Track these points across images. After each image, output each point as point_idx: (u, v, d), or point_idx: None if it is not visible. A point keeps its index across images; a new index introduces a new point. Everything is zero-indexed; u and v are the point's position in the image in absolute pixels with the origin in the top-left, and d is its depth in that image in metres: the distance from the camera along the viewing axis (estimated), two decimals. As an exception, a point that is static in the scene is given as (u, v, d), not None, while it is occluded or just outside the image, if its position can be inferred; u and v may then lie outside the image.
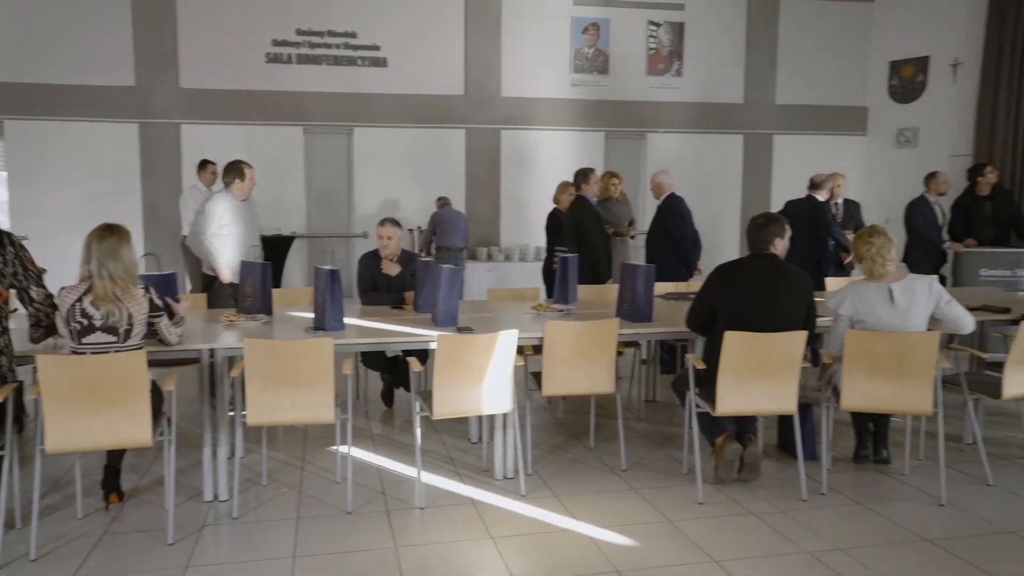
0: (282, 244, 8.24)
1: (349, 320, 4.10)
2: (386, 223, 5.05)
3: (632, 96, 9.68)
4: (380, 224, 5.06)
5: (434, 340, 3.66)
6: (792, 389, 3.66)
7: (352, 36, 8.94)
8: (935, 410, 3.68)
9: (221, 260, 5.12)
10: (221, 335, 3.82)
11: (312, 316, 4.10)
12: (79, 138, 8.45)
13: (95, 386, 3.07)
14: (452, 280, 4.04)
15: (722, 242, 9.36)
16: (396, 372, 5.14)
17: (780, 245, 3.83)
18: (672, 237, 6.13)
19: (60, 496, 3.72)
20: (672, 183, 6.25)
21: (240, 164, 5.28)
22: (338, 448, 4.16)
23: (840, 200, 6.82)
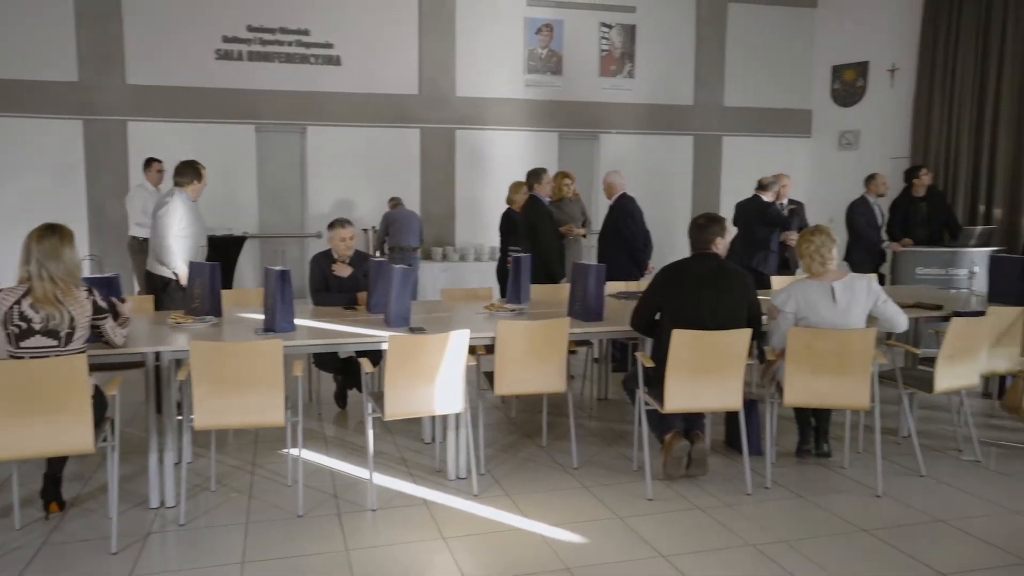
0: (233, 244, 8.10)
1: (300, 321, 4.07)
2: (346, 224, 4.97)
3: (585, 97, 9.78)
4: (340, 225, 4.94)
5: (386, 341, 3.66)
6: (737, 386, 3.76)
7: (305, 33, 8.84)
8: (872, 404, 3.82)
9: (182, 263, 5.00)
10: (168, 337, 3.76)
11: (262, 317, 4.06)
12: (20, 134, 8.17)
13: (34, 391, 2.99)
14: (404, 280, 4.04)
15: (673, 242, 9.42)
16: (349, 373, 5.11)
17: (721, 244, 3.93)
18: (624, 237, 6.20)
19: (-3, 505, 3.62)
20: (624, 183, 6.33)
21: (196, 165, 5.20)
22: (289, 451, 4.12)
23: (785, 200, 7.00)
